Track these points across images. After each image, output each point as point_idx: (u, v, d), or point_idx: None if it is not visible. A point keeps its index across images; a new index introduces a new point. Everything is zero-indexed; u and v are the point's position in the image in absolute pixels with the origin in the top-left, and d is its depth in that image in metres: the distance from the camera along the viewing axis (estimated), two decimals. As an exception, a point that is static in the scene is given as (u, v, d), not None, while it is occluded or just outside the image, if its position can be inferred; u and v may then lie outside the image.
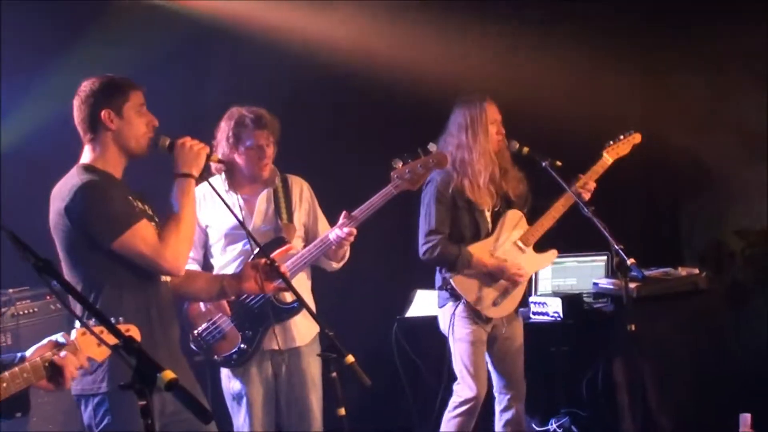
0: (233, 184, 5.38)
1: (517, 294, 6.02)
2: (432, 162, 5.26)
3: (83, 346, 3.42)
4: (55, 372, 3.37)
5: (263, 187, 5.41)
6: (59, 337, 3.47)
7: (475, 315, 5.90)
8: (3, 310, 5.86)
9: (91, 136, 4.18)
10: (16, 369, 3.28)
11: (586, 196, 5.93)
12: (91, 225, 4.00)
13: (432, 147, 5.42)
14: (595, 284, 6.99)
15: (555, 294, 7.15)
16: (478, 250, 5.92)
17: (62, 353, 3.38)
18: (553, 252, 6.22)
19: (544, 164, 5.87)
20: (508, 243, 6.01)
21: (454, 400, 6.00)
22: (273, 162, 5.40)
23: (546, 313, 6.94)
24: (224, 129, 5.32)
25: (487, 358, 6.09)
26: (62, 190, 4.06)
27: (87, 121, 4.17)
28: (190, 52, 7.09)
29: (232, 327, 5.24)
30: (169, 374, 2.66)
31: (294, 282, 4.70)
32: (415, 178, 5.23)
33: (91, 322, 3.31)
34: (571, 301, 6.93)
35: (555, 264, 7.28)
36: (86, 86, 4.19)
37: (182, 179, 4.19)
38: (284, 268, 4.47)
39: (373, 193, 5.21)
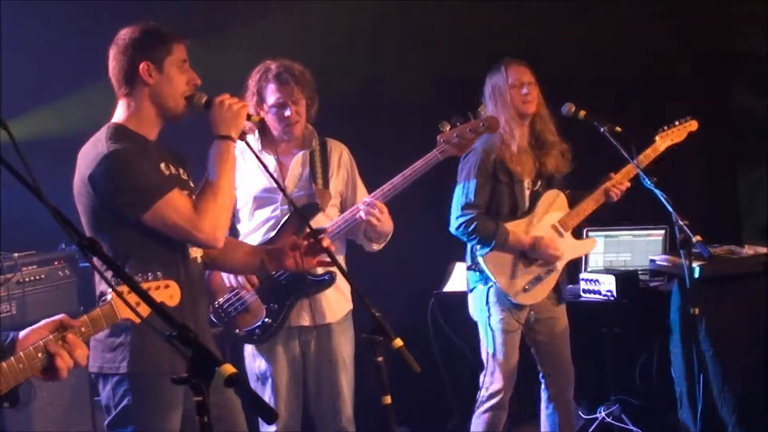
0: (267, 143, 5.26)
1: (550, 281, 5.88)
2: (482, 126, 5.08)
3: (120, 308, 3.27)
4: (51, 363, 3.16)
5: (299, 148, 5.28)
6: (62, 317, 3.25)
7: (507, 300, 5.77)
8: (7, 276, 5.70)
9: (126, 91, 4.00)
10: (12, 359, 3.07)
11: (615, 193, 5.87)
12: (118, 198, 3.84)
13: (483, 110, 5.26)
14: (652, 261, 6.80)
15: (608, 270, 7.02)
16: (516, 229, 5.80)
17: (59, 342, 3.16)
18: (593, 240, 6.29)
19: (602, 130, 5.67)
20: (546, 225, 5.88)
21: (482, 395, 5.87)
22: (311, 122, 5.27)
23: (598, 291, 6.82)
24: (250, 85, 5.21)
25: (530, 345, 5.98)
26: (88, 156, 3.90)
27: (123, 74, 3.98)
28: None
29: (257, 299, 5.13)
30: (228, 368, 2.51)
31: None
32: (464, 143, 5.06)
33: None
34: (625, 278, 6.80)
35: (608, 237, 7.26)
36: (125, 34, 4.00)
37: (220, 141, 4.02)
38: (328, 241, 4.29)
39: (417, 158, 5.04)
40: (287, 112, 5.12)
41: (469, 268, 5.89)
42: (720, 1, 7.61)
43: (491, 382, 5.80)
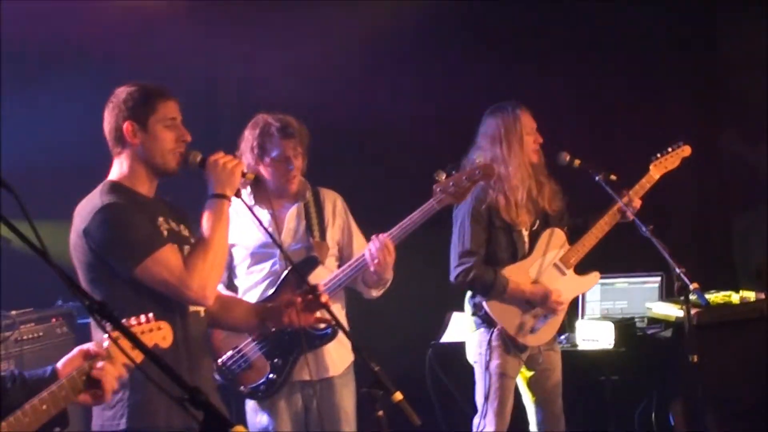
0: (260, 198, 5.31)
1: (556, 321, 5.95)
2: (478, 174, 5.19)
3: (116, 354, 3.39)
4: (92, 385, 3.35)
5: (292, 201, 5.35)
6: (91, 345, 3.45)
7: (509, 343, 5.83)
8: (6, 334, 5.79)
9: (117, 150, 4.16)
10: (55, 388, 3.27)
11: (630, 214, 5.86)
12: (110, 251, 3.96)
13: (479, 158, 5.36)
14: (649, 308, 6.90)
15: (605, 318, 7.11)
16: (515, 273, 5.85)
17: (99, 364, 3.36)
18: (596, 275, 6.16)
19: (597, 178, 5.81)
20: (547, 264, 5.95)
21: None
22: (303, 174, 5.35)
23: (596, 340, 6.89)
24: (248, 138, 5.26)
25: (522, 391, 6.04)
26: (83, 210, 4.04)
27: (112, 134, 4.14)
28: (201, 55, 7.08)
29: (260, 355, 5.18)
30: (240, 430, 2.58)
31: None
32: (460, 192, 5.16)
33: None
34: (622, 326, 6.89)
35: (604, 285, 7.29)
36: (115, 94, 4.16)
37: (215, 200, 4.14)
38: (326, 296, 4.39)
39: (413, 209, 5.14)
40: (291, 167, 5.21)
41: (472, 315, 5.92)
42: (711, 47, 7.78)
43: (484, 426, 5.84)
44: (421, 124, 7.55)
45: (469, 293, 5.94)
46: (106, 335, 3.14)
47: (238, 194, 4.20)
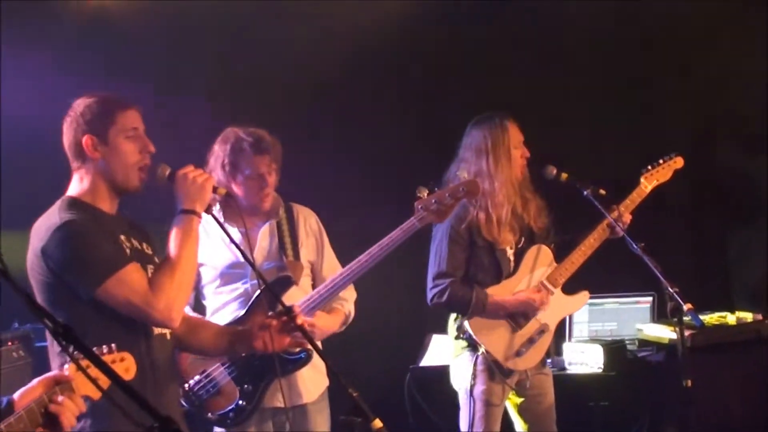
0: (230, 215, 5.26)
1: (544, 342, 5.96)
2: (462, 191, 5.17)
3: (79, 383, 3.37)
4: (50, 419, 3.31)
5: (264, 219, 5.35)
6: (54, 373, 3.41)
7: (495, 368, 5.81)
8: (-42, 360, 5.78)
9: (77, 165, 4.14)
10: (12, 420, 3.23)
11: (617, 232, 5.87)
12: (70, 271, 3.94)
13: (462, 173, 5.37)
14: (640, 330, 6.92)
15: (594, 340, 7.14)
16: (499, 293, 5.85)
17: (59, 398, 3.32)
18: (585, 294, 6.16)
19: (585, 193, 5.81)
20: (533, 284, 5.94)
21: None
22: (275, 190, 5.34)
23: (584, 363, 6.92)
24: (218, 154, 5.26)
25: (513, 419, 6.04)
26: (41, 229, 4.01)
27: (72, 149, 4.13)
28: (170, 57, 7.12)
29: (229, 380, 5.16)
30: None
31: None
32: (443, 209, 5.13)
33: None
34: (612, 349, 6.93)
35: (592, 305, 7.33)
36: (73, 107, 4.14)
37: (183, 216, 4.12)
38: (302, 318, 4.40)
39: (393, 227, 5.12)
40: (265, 184, 5.21)
41: (455, 338, 5.90)
42: (708, 60, 7.84)
43: None
44: (403, 136, 7.59)
45: (452, 315, 5.93)
46: (69, 361, 3.16)
47: (208, 210, 4.20)
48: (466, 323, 5.79)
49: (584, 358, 6.93)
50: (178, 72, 7.10)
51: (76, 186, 4.14)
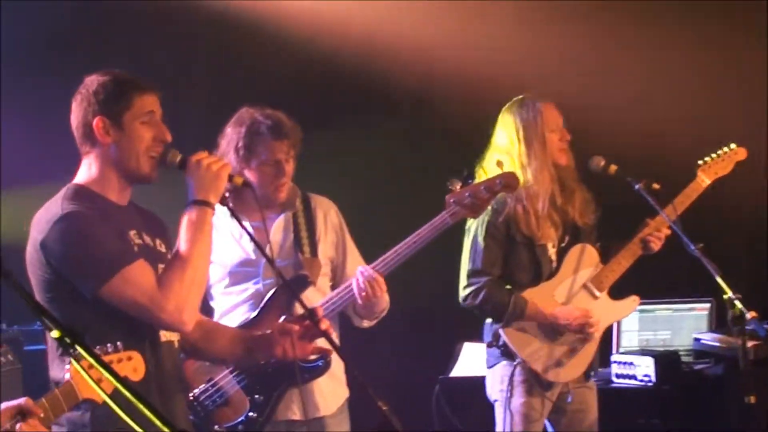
0: (239, 207, 5.17)
1: (588, 352, 5.94)
2: (499, 184, 5.18)
3: (81, 386, 3.39)
4: None
5: (279, 211, 5.36)
6: (21, 402, 3.42)
7: (533, 379, 5.81)
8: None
9: (85, 149, 4.11)
10: None
11: (654, 242, 5.89)
12: (71, 268, 3.92)
13: (500, 164, 5.37)
14: (697, 339, 6.94)
15: (644, 351, 7.11)
16: (537, 295, 5.84)
17: (18, 426, 3.33)
18: (634, 299, 6.14)
19: (637, 187, 5.77)
20: (577, 286, 5.95)
21: None
22: (292, 179, 5.34)
23: (633, 376, 6.90)
24: (232, 137, 5.26)
25: None
26: (42, 219, 3.99)
27: (80, 130, 4.09)
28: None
29: (239, 390, 5.18)
30: None
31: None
32: (478, 204, 5.14)
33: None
34: (665, 360, 6.89)
35: (643, 312, 7.31)
36: (85, 84, 4.10)
37: (196, 207, 4.06)
38: (326, 322, 4.32)
39: (423, 222, 5.13)
40: (281, 172, 5.21)
41: (488, 345, 5.89)
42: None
43: None
44: (431, 121, 7.61)
45: (487, 321, 5.92)
46: (73, 363, 3.15)
47: (223, 201, 4.15)
48: (501, 330, 5.79)
49: (633, 371, 6.88)
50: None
51: (84, 173, 4.11)
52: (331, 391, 5.33)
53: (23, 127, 6.77)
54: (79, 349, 2.70)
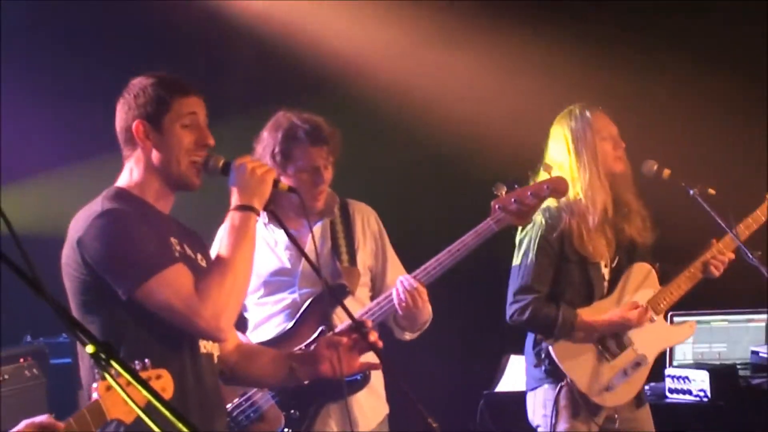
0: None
1: (639, 377, 5.87)
2: (547, 189, 5.14)
3: (109, 405, 3.34)
4: None
5: (317, 218, 5.30)
6: (43, 419, 3.40)
7: (581, 403, 5.73)
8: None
9: (127, 153, 4.10)
10: None
11: (716, 266, 5.84)
12: (107, 266, 3.87)
13: (548, 167, 5.32)
14: (754, 353, 6.88)
15: (699, 365, 7.05)
16: (590, 315, 5.77)
17: None
18: (691, 324, 6.25)
19: (692, 192, 5.76)
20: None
21: None
22: (330, 185, 5.29)
23: (688, 391, 6.83)
24: (268, 141, 5.21)
25: None
26: (81, 218, 3.96)
27: (123, 134, 4.09)
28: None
29: (273, 405, 5.12)
30: None
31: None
32: (524, 210, 5.10)
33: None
34: (721, 374, 6.82)
35: (698, 324, 7.07)
36: (128, 87, 4.10)
37: (239, 213, 4.01)
38: (375, 335, 4.26)
39: (467, 230, 5.08)
40: (320, 180, 5.15)
41: (534, 366, 5.83)
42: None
43: None
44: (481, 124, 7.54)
45: (530, 338, 5.86)
46: (108, 379, 3.02)
47: (267, 207, 4.10)
48: (549, 347, 5.72)
49: (688, 386, 6.81)
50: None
51: (126, 177, 4.09)
52: (370, 406, 5.28)
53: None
54: (115, 365, 2.61)
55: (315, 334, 5.03)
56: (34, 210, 6.62)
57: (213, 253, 4.30)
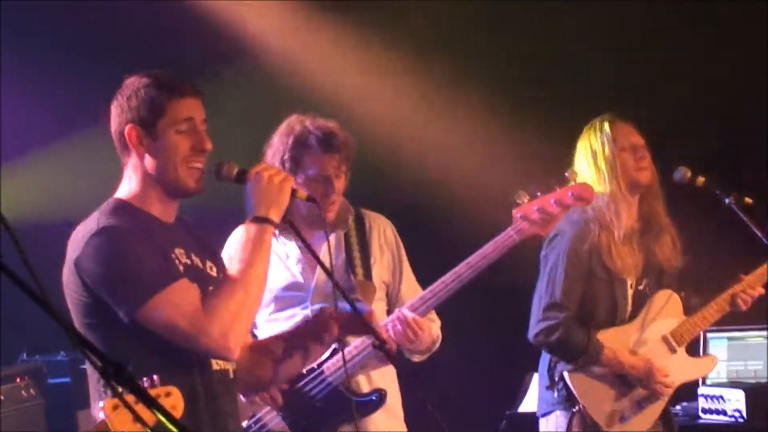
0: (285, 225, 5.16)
1: (655, 409, 5.80)
2: (571, 196, 5.10)
3: (116, 425, 3.24)
4: None
5: (330, 229, 5.18)
6: None
7: (592, 431, 5.68)
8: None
9: (124, 159, 4.04)
10: None
11: (744, 300, 5.81)
12: (105, 288, 3.81)
13: (572, 174, 5.27)
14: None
15: (734, 384, 7.02)
16: (612, 340, 5.70)
17: None
18: (713, 359, 6.28)
19: (727, 201, 5.72)
20: (655, 336, 5.83)
21: None
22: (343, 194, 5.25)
23: (722, 411, 6.82)
24: (278, 147, 5.16)
25: None
26: (77, 236, 3.90)
27: (116, 138, 4.03)
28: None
29: (283, 426, 5.09)
30: None
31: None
32: (547, 219, 5.07)
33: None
34: (757, 394, 6.79)
35: (732, 341, 7.24)
36: (123, 87, 4.03)
37: (255, 225, 3.96)
38: (394, 346, 4.42)
39: (486, 240, 5.05)
40: (331, 189, 5.10)
41: (547, 388, 5.79)
42: None
43: None
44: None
45: (545, 357, 5.81)
46: (112, 399, 3.04)
47: (285, 218, 4.04)
48: (564, 372, 5.67)
49: (722, 405, 6.79)
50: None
51: (125, 186, 4.03)
52: (387, 427, 5.24)
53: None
54: (123, 384, 2.64)
55: (328, 353, 4.96)
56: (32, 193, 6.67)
57: (225, 258, 4.30)
